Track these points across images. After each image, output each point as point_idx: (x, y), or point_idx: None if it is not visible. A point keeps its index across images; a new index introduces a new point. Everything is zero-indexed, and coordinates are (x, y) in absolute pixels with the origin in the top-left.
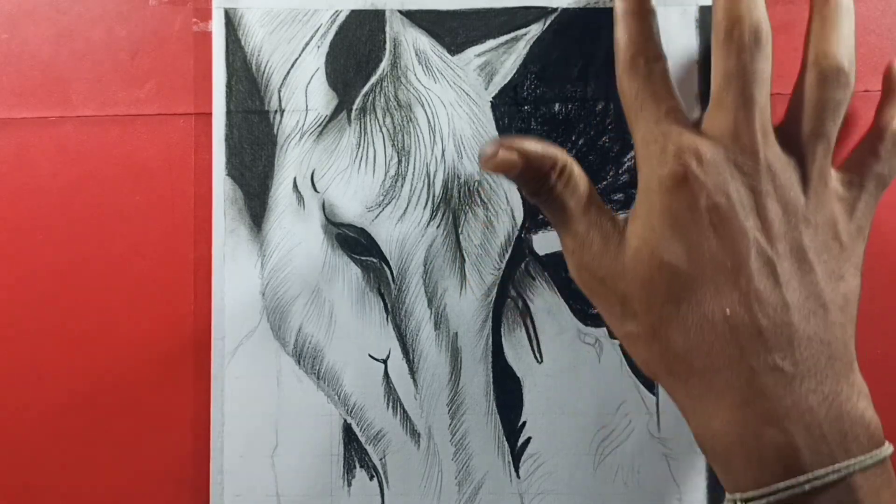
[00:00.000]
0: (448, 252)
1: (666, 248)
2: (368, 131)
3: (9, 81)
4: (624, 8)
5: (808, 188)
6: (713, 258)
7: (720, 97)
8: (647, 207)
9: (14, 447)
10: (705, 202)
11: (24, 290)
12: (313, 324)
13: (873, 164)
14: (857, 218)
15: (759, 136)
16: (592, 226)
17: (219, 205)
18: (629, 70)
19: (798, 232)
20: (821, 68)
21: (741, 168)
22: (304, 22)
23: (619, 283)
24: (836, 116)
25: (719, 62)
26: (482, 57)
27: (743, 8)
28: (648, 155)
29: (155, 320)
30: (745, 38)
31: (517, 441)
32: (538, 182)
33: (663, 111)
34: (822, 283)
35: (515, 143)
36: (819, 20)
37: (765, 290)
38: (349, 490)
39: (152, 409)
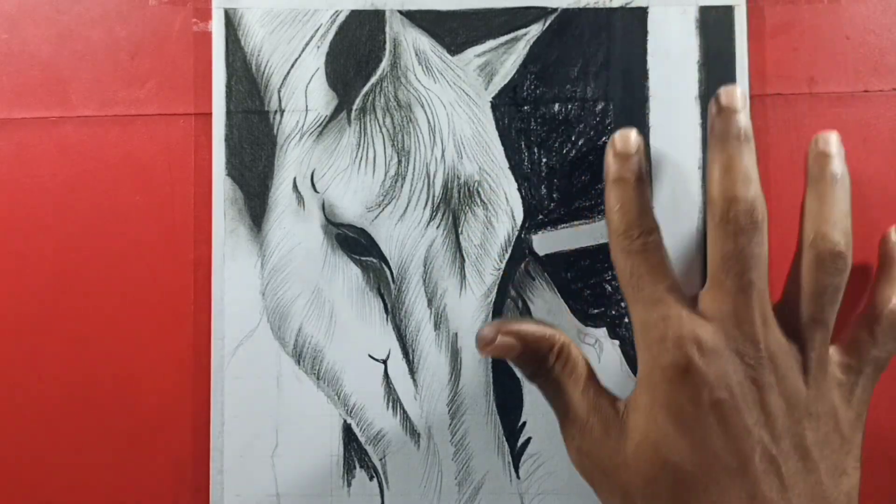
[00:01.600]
0: (448, 252)
1: (670, 445)
2: (368, 131)
3: (9, 81)
4: (616, 172)
5: (808, 377)
6: (718, 458)
7: (719, 279)
8: (650, 398)
9: (14, 447)
10: (708, 397)
11: (24, 289)
12: (313, 324)
13: (870, 349)
14: (855, 404)
15: (759, 322)
16: (592, 411)
17: (219, 205)
18: (623, 244)
19: (801, 427)
20: (818, 251)
21: (743, 357)
22: (304, 22)
23: (621, 476)
24: (834, 301)
25: (716, 244)
26: (482, 57)
27: (739, 188)
28: (648, 342)
29: (155, 320)
30: (742, 220)
31: (517, 441)
32: (536, 364)
33: (661, 291)
34: (826, 482)
35: (513, 326)
36: (815, 196)
37: (770, 495)
38: (349, 490)
39: (152, 409)
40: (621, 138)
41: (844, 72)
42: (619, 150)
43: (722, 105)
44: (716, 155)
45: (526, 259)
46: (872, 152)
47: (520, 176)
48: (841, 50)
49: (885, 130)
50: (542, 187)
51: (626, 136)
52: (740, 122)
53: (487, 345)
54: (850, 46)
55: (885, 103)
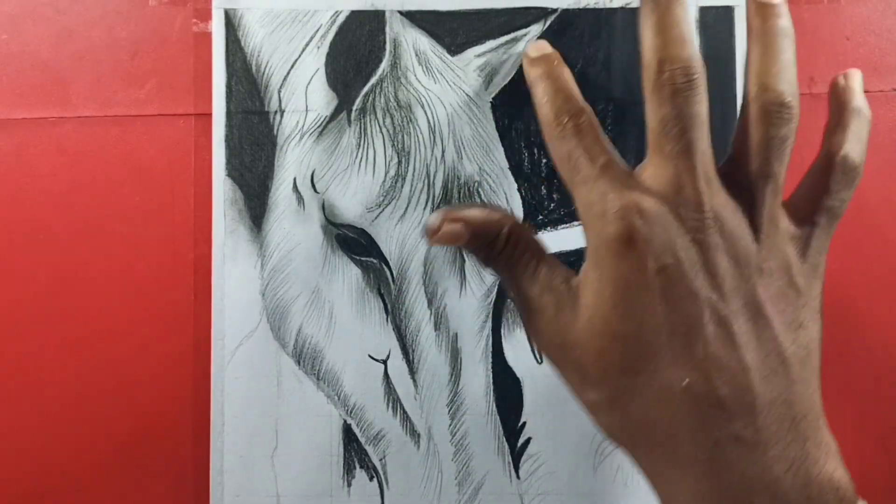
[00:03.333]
0: (448, 253)
1: (617, 318)
2: (368, 132)
3: (9, 81)
4: (537, 73)
5: (758, 234)
6: (667, 325)
7: (658, 145)
8: (597, 274)
9: (14, 447)
10: (653, 265)
11: (24, 290)
12: (313, 324)
13: (823, 198)
14: (811, 256)
15: (703, 184)
16: (545, 290)
17: (219, 205)
18: (555, 131)
19: (752, 284)
20: (763, 103)
21: (687, 221)
22: (304, 22)
23: (575, 353)
24: (781, 154)
25: (653, 108)
26: (482, 57)
27: (674, 47)
28: (591, 217)
29: (155, 320)
30: (677, 79)
31: (517, 441)
32: (486, 250)
33: (599, 167)
34: (781, 337)
35: (459, 213)
36: (758, 48)
37: (722, 355)
38: (349, 490)
39: (152, 409)
40: (533, 47)
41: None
42: (534, 56)
43: None
44: (646, 16)
45: None
46: (872, 152)
47: (520, 176)
48: (841, 50)
49: (885, 130)
50: (542, 187)
51: (537, 44)
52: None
53: (434, 233)
54: (850, 46)
55: (886, 103)
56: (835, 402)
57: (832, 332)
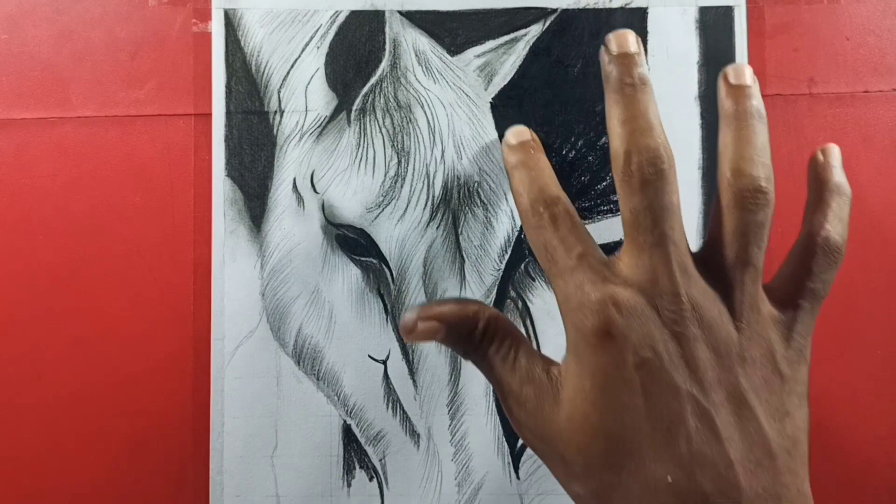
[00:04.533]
0: (448, 253)
1: (598, 414)
2: (368, 132)
3: (9, 81)
4: (514, 161)
5: (739, 322)
6: (648, 421)
7: (632, 236)
8: (577, 368)
9: (14, 447)
10: (632, 359)
11: (24, 290)
12: (313, 324)
13: (806, 281)
14: (796, 341)
15: (679, 274)
16: (525, 381)
17: (218, 205)
18: (532, 222)
19: (734, 374)
20: (737, 189)
21: (664, 313)
22: (304, 22)
23: (558, 446)
24: (759, 240)
25: (624, 198)
26: (482, 58)
27: (639, 138)
28: (569, 310)
29: (155, 320)
30: (645, 171)
31: (517, 441)
32: (465, 344)
33: (575, 258)
34: (767, 428)
35: (434, 310)
36: (731, 132)
37: (706, 451)
38: (349, 491)
39: (152, 409)
40: (512, 132)
41: (844, 72)
42: (513, 143)
43: (613, 51)
44: (612, 106)
45: (526, 259)
46: (872, 152)
47: None
48: (841, 50)
49: (885, 130)
50: None
51: (517, 130)
52: (635, 66)
53: (410, 332)
54: (850, 47)
55: (885, 103)
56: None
57: (832, 331)
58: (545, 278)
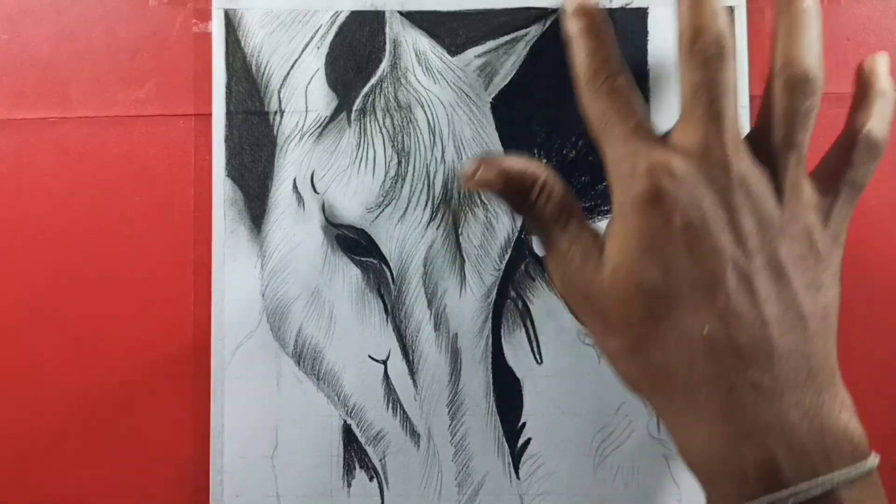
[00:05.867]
0: (448, 253)
1: (642, 269)
2: (368, 132)
3: (9, 81)
4: (579, 27)
5: (782, 199)
6: (689, 277)
7: (689, 109)
8: (623, 227)
9: (14, 447)
10: (679, 220)
11: (24, 290)
12: (313, 325)
13: (846, 170)
14: (833, 226)
15: (730, 148)
16: (574, 241)
17: (219, 206)
18: (591, 89)
19: (774, 245)
20: (788, 76)
21: (714, 182)
22: (304, 23)
23: (599, 300)
24: (806, 125)
25: (686, 74)
26: (482, 58)
27: (706, 18)
28: (620, 175)
29: (155, 321)
30: (710, 49)
31: (517, 442)
32: (519, 199)
33: (630, 128)
34: (801, 295)
35: (496, 160)
36: (785, 25)
37: (742, 307)
38: (349, 491)
39: (152, 410)
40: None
41: (844, 72)
42: (575, 8)
43: None
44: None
45: (526, 260)
46: None
47: None
48: (841, 50)
49: None
50: None
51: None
52: None
53: (470, 178)
54: (850, 46)
55: None
56: None
57: None
58: (545, 278)
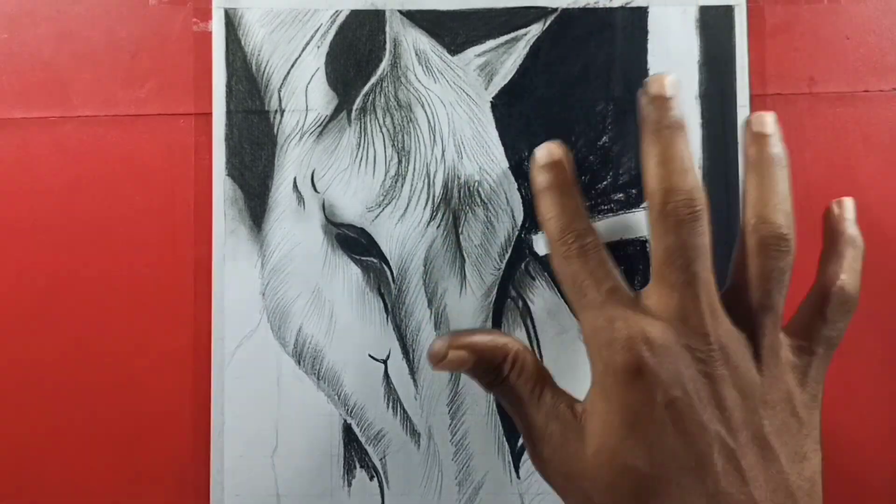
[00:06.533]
0: (448, 252)
1: (626, 450)
2: (368, 131)
3: (9, 81)
4: (543, 182)
5: (761, 364)
6: (676, 458)
7: (662, 274)
8: (604, 402)
9: (14, 447)
10: (662, 397)
11: (24, 290)
12: (313, 324)
13: (821, 328)
14: (810, 386)
15: (708, 314)
16: (550, 417)
17: (219, 205)
18: (561, 251)
19: (758, 417)
20: (760, 236)
21: (693, 352)
22: (304, 22)
23: (582, 483)
24: (781, 285)
25: (657, 236)
26: (482, 57)
27: (676, 178)
28: (598, 345)
29: (155, 320)
30: (681, 211)
31: (517, 441)
32: (492, 375)
33: (604, 293)
34: (787, 470)
35: (464, 339)
36: (754, 179)
37: (732, 490)
38: (349, 490)
39: (152, 409)
40: (543, 151)
41: (844, 72)
42: (542, 163)
43: (651, 94)
44: (649, 146)
45: (526, 259)
46: (872, 152)
47: (520, 176)
48: (841, 50)
49: (885, 130)
50: None
51: (547, 148)
52: (672, 109)
53: (440, 360)
54: (850, 46)
55: (885, 103)
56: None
57: None
58: (546, 278)
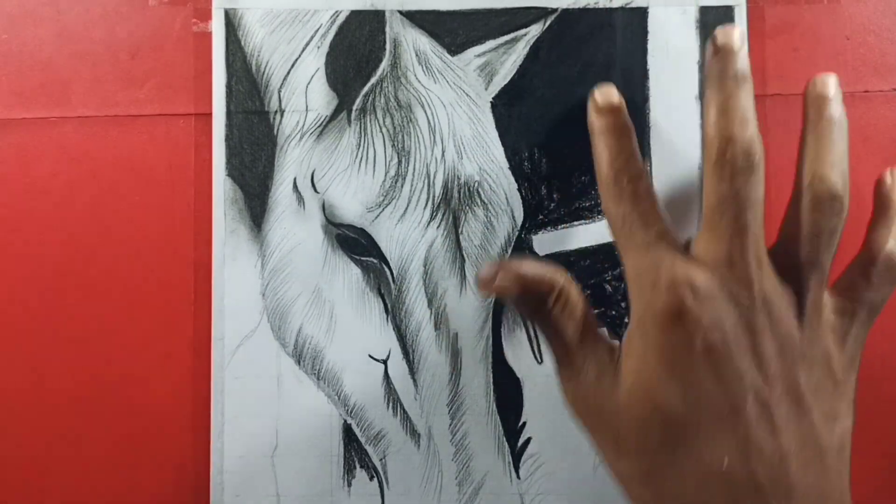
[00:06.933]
0: (448, 252)
1: (661, 390)
2: (368, 132)
3: (9, 81)
4: (601, 125)
5: (802, 321)
6: (710, 402)
7: (713, 221)
8: (643, 343)
9: (14, 447)
10: (701, 342)
11: (24, 290)
12: (313, 324)
13: (865, 291)
14: (849, 349)
15: (754, 265)
16: (588, 355)
17: (219, 205)
18: (613, 192)
19: (794, 371)
20: (816, 193)
21: (737, 300)
22: (304, 22)
23: (613, 420)
24: (830, 244)
25: (712, 184)
26: (482, 57)
27: (736, 127)
28: (641, 286)
29: (155, 320)
30: (739, 161)
31: (517, 441)
32: (535, 305)
33: (653, 236)
34: (819, 427)
35: (514, 266)
36: (813, 138)
37: (762, 440)
38: (349, 490)
39: (152, 409)
40: (602, 94)
41: (844, 72)
42: (601, 105)
43: (719, 45)
44: (712, 95)
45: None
46: (872, 152)
47: (520, 176)
48: (841, 50)
49: (885, 130)
50: (542, 187)
51: (606, 92)
52: (738, 62)
53: (488, 283)
54: (850, 46)
55: (885, 103)
56: None
57: None
58: None
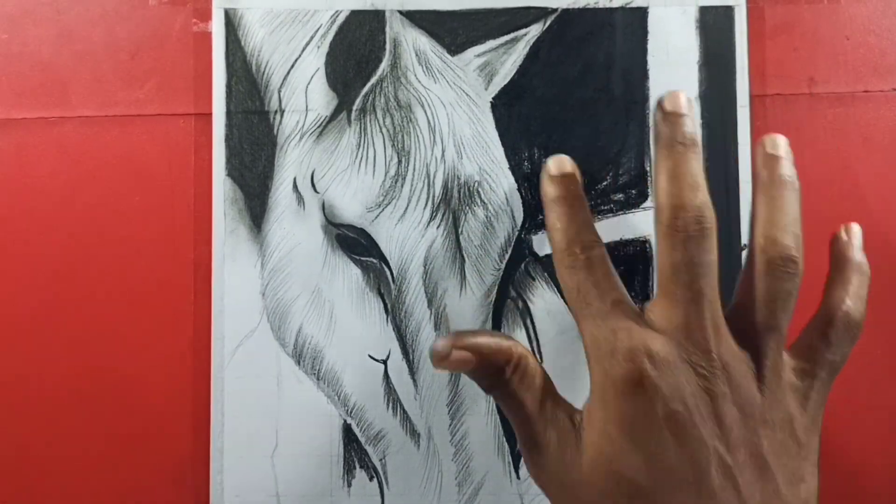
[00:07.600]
0: (448, 252)
1: (624, 460)
2: (368, 132)
3: (9, 81)
4: (554, 194)
5: (763, 384)
6: (673, 471)
7: (668, 289)
8: (603, 413)
9: (14, 447)
10: (662, 410)
11: (24, 290)
12: (313, 324)
13: (825, 352)
14: (811, 409)
15: (711, 331)
16: (549, 425)
17: (219, 205)
18: (567, 262)
19: (757, 436)
20: (770, 257)
21: (695, 368)
22: (304, 22)
23: (577, 492)
24: (786, 307)
25: (665, 252)
26: (482, 57)
27: (686, 193)
28: (599, 355)
29: (155, 320)
30: (691, 227)
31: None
32: (493, 377)
33: (608, 304)
34: (784, 490)
35: (468, 339)
36: (765, 199)
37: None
38: (349, 490)
39: (152, 409)
40: (555, 162)
41: (844, 72)
42: (553, 173)
43: (666, 110)
44: (661, 161)
45: (526, 259)
46: (872, 152)
47: (520, 176)
48: (841, 50)
49: (885, 130)
50: None
51: (559, 161)
52: (686, 126)
53: (443, 359)
54: (850, 46)
55: (885, 103)
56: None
57: None
58: (545, 278)
